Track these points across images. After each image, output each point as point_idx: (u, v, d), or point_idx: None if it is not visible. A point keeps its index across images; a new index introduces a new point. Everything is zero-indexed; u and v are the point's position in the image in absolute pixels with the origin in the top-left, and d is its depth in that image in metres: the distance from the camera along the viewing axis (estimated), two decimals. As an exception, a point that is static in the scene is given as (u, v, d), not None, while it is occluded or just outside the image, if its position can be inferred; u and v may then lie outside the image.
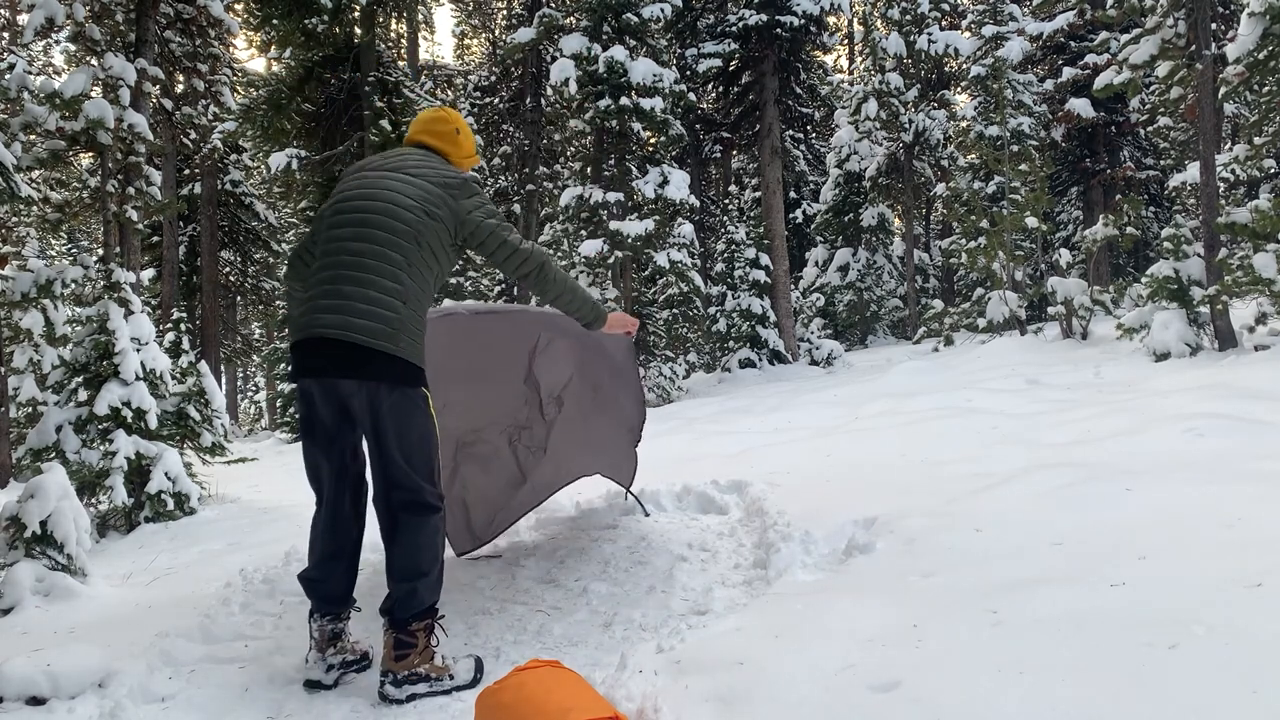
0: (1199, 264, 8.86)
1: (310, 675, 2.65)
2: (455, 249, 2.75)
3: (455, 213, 2.66)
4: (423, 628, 2.59)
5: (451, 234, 2.68)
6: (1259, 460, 3.67)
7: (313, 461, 2.69)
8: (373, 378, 2.50)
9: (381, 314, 2.48)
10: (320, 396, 2.60)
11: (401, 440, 2.55)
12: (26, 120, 7.66)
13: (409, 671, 2.56)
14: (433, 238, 2.61)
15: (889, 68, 19.02)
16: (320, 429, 2.63)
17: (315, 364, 2.55)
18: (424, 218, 2.60)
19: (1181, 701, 1.72)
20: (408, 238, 2.56)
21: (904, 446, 5.42)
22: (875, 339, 21.48)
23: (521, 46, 15.53)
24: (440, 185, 2.66)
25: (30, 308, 9.31)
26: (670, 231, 14.16)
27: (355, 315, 2.47)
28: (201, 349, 16.30)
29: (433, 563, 2.61)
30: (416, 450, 2.58)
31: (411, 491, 2.58)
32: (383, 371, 2.49)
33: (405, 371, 2.53)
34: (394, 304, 2.50)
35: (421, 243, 2.58)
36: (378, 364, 2.48)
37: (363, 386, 2.52)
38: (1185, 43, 9.21)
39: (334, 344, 2.48)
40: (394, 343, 2.48)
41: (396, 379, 2.52)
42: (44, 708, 2.50)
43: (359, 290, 2.49)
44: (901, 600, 2.53)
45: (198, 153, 16.90)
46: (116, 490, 5.32)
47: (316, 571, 2.71)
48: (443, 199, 2.65)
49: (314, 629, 2.68)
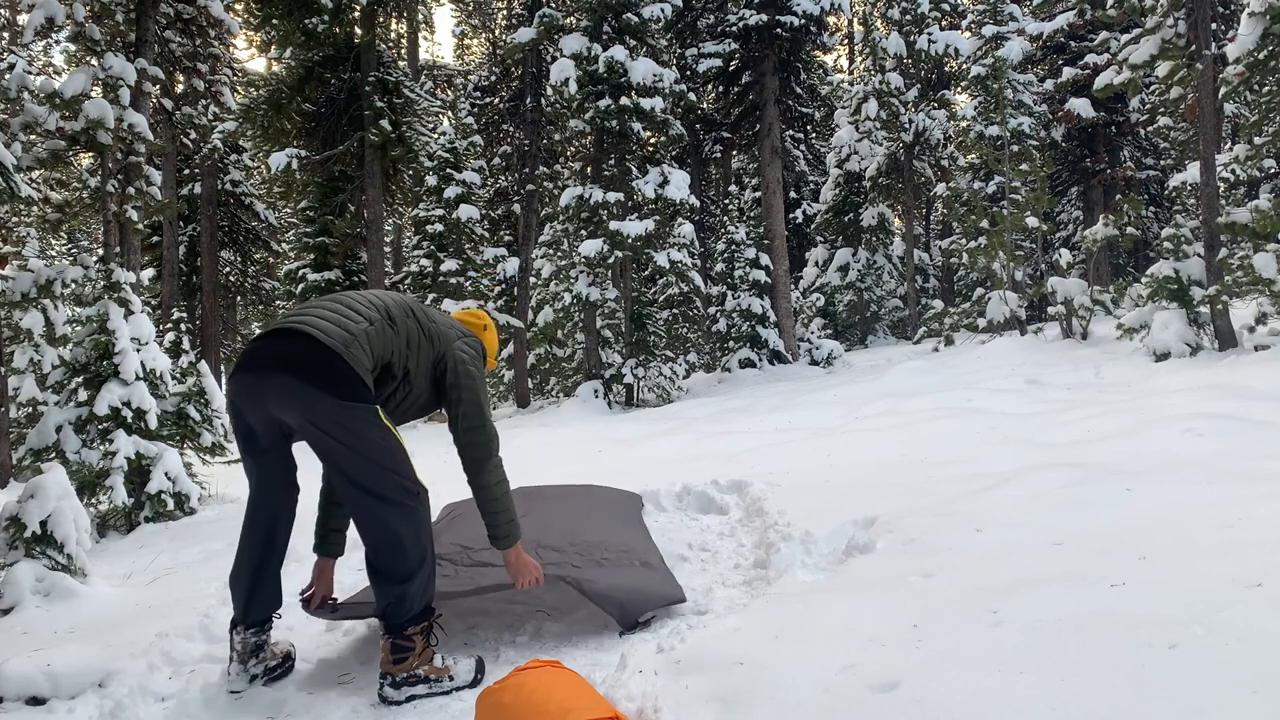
0: (1199, 264, 8.86)
1: (233, 687, 2.62)
2: (431, 380, 2.75)
3: (448, 348, 2.74)
4: (419, 630, 2.59)
5: (433, 360, 2.72)
6: (1259, 460, 3.67)
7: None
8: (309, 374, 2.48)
9: (344, 323, 2.53)
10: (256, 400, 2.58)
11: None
12: (26, 120, 7.65)
13: (408, 674, 2.56)
14: (416, 341, 2.67)
15: (889, 68, 19.02)
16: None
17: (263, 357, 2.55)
18: (419, 328, 2.69)
19: (1181, 701, 1.72)
20: (396, 324, 2.63)
21: (904, 447, 5.42)
22: (875, 339, 21.47)
23: (521, 46, 15.52)
24: (449, 327, 2.82)
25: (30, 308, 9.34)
26: (670, 231, 14.16)
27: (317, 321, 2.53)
28: (201, 349, 16.30)
29: (419, 563, 2.57)
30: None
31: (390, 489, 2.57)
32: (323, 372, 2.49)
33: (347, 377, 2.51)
34: (355, 328, 2.53)
35: (400, 334, 2.63)
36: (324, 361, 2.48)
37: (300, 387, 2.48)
38: (1185, 43, 9.21)
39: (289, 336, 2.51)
40: (347, 348, 2.47)
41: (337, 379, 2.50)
42: (44, 708, 2.50)
43: (323, 311, 2.57)
44: (901, 600, 2.53)
45: (198, 153, 16.90)
46: (116, 490, 5.32)
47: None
48: (445, 335, 2.75)
49: (236, 640, 2.65)
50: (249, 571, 2.65)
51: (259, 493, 2.68)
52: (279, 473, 2.67)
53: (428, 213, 14.18)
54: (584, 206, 13.00)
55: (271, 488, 2.67)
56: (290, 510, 2.73)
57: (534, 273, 18.68)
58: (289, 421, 2.51)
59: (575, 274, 13.69)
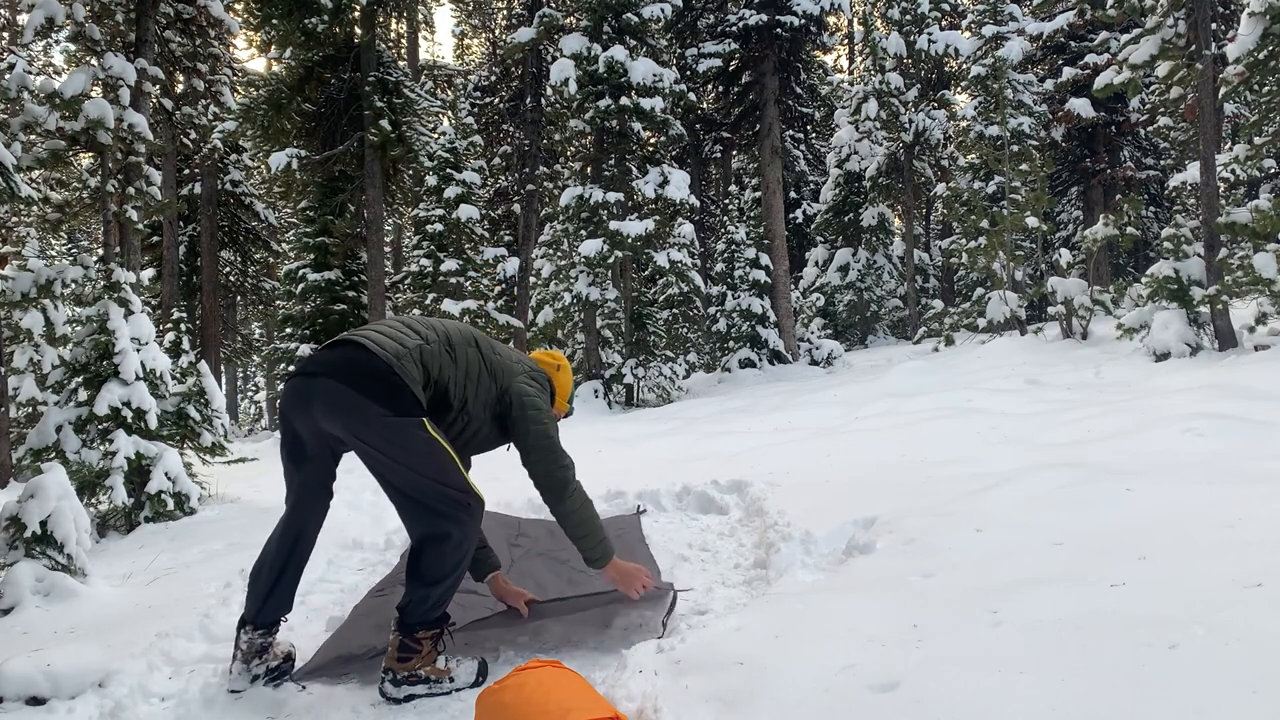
0: (1199, 264, 8.85)
1: (233, 686, 2.61)
2: (494, 415, 2.75)
3: (510, 382, 2.73)
4: (429, 635, 2.61)
5: (496, 395, 2.72)
6: (1259, 460, 3.67)
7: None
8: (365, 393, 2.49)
9: (395, 344, 2.56)
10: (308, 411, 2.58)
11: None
12: (26, 120, 7.65)
13: (409, 673, 2.58)
14: (476, 373, 2.67)
15: (889, 68, 19.02)
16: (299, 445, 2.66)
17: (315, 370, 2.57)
18: (480, 359, 2.70)
19: (1181, 701, 1.72)
20: (455, 351, 2.64)
21: (904, 447, 5.42)
22: (875, 339, 21.47)
23: (521, 46, 15.52)
24: (515, 362, 2.81)
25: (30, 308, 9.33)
26: (670, 231, 14.15)
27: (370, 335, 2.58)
28: (201, 349, 16.30)
29: (454, 569, 2.59)
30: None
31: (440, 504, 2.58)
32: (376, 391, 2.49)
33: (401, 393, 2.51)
34: (409, 343, 2.58)
35: (458, 364, 2.63)
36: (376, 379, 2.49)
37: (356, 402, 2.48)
38: (1185, 43, 9.21)
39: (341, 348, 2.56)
40: (398, 360, 2.50)
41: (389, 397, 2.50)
42: (44, 708, 2.50)
43: (382, 327, 2.63)
44: (901, 600, 2.53)
45: (198, 153, 16.90)
46: (116, 490, 5.31)
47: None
48: (509, 370, 2.76)
49: (242, 640, 2.64)
50: (271, 575, 2.66)
51: (295, 503, 2.69)
52: (317, 481, 2.67)
53: (428, 213, 14.19)
54: (584, 206, 12.99)
55: (308, 499, 2.68)
56: (320, 520, 2.73)
57: (534, 273, 18.68)
58: (336, 433, 2.52)
59: (575, 274, 13.68)
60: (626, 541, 4.03)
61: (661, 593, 3.16)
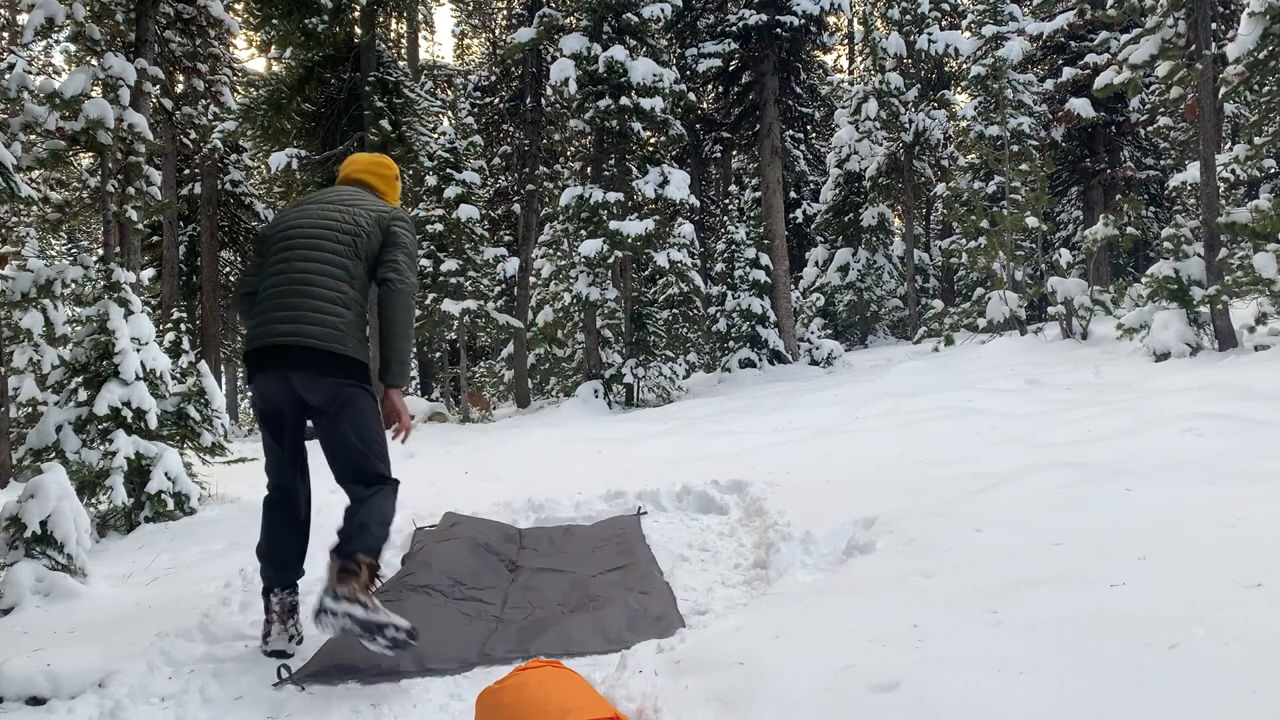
0: (1199, 264, 8.85)
1: (275, 646, 2.87)
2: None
3: (384, 229, 2.95)
4: (367, 563, 2.71)
5: (379, 249, 2.96)
6: (1259, 460, 3.67)
7: (272, 449, 2.96)
8: (327, 374, 2.78)
9: (330, 320, 2.78)
10: (277, 393, 2.85)
11: (358, 427, 2.82)
12: (26, 120, 7.65)
13: (350, 593, 2.62)
14: (367, 252, 2.91)
15: (889, 68, 19.00)
16: (276, 421, 2.91)
17: (272, 365, 2.82)
18: (361, 235, 2.90)
19: (1181, 701, 1.72)
20: (347, 254, 2.87)
21: (904, 447, 5.42)
22: (875, 339, 21.47)
23: (521, 46, 15.52)
24: (375, 210, 3.00)
25: (30, 308, 9.32)
26: (670, 231, 14.15)
27: (307, 323, 2.76)
28: (201, 349, 16.29)
29: (385, 523, 2.83)
30: (372, 434, 2.86)
31: (371, 469, 2.84)
32: (335, 369, 2.78)
33: (354, 368, 2.81)
34: (339, 310, 2.80)
35: (359, 256, 2.89)
36: (331, 363, 2.76)
37: (318, 383, 2.78)
38: (1185, 43, 9.21)
39: (290, 349, 2.76)
40: (342, 344, 2.77)
41: (347, 374, 2.80)
42: (44, 708, 2.50)
43: (308, 301, 2.79)
44: (901, 600, 2.53)
45: (198, 153, 16.89)
46: (116, 490, 5.31)
47: (276, 546, 2.96)
48: (377, 220, 2.96)
49: (274, 603, 2.92)
50: (280, 545, 2.95)
51: (277, 471, 2.97)
52: (293, 451, 2.96)
53: (428, 212, 14.19)
54: (584, 206, 12.99)
55: (287, 467, 2.95)
56: (307, 490, 3.02)
57: (534, 273, 18.68)
58: (308, 397, 2.81)
59: (575, 274, 13.68)
60: (627, 541, 4.03)
61: (666, 592, 3.18)
